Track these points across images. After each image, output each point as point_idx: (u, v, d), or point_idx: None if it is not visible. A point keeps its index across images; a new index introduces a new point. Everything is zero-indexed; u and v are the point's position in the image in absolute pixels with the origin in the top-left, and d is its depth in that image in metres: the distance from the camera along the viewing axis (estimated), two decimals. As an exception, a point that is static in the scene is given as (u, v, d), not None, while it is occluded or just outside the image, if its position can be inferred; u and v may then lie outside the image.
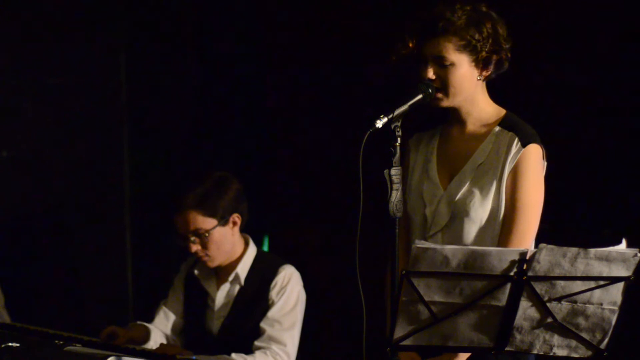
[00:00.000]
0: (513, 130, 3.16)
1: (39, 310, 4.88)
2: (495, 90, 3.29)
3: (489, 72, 3.17)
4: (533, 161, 3.14)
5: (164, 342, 4.13)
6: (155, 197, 5.31)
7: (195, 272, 4.15)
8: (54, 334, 3.78)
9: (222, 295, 4.11)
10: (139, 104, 5.30)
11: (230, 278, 4.10)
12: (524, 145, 3.13)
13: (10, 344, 3.47)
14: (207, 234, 3.99)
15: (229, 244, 4.06)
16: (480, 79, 3.17)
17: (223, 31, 5.37)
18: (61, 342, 3.60)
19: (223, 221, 4.02)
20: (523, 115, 3.25)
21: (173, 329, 4.19)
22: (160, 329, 4.18)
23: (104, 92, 5.25)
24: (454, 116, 3.24)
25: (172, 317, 4.19)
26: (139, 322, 4.14)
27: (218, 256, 4.05)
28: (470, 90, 3.16)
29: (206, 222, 4.00)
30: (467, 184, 3.18)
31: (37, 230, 5.15)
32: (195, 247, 4.01)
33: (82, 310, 5.11)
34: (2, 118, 5.00)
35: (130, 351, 3.64)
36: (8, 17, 5.00)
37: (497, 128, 3.19)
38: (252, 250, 4.14)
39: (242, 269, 4.10)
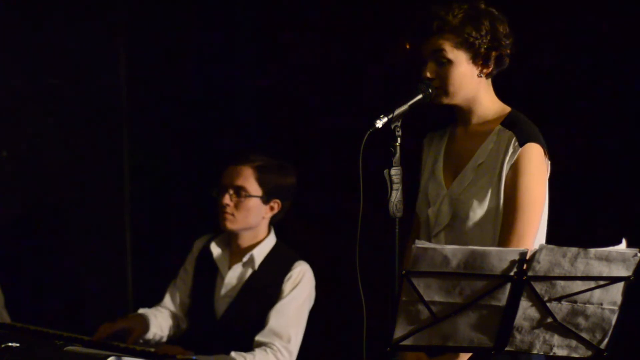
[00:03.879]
0: (512, 129, 3.16)
1: (39, 310, 4.88)
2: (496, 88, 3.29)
3: (490, 69, 3.18)
4: (530, 160, 3.13)
5: (169, 323, 4.16)
6: (155, 197, 5.31)
7: (212, 246, 4.16)
8: (54, 334, 3.78)
9: (233, 275, 4.12)
10: (139, 104, 5.30)
11: (245, 259, 4.10)
12: (521, 144, 3.13)
13: (10, 344, 3.47)
14: (245, 196, 4.02)
15: (256, 220, 4.11)
16: (481, 76, 3.17)
17: (223, 31, 5.37)
18: (61, 342, 3.60)
19: (266, 197, 4.08)
20: (525, 113, 3.25)
21: (181, 308, 4.21)
22: (169, 308, 4.21)
23: (104, 92, 5.25)
24: (459, 115, 3.26)
25: (178, 297, 4.22)
26: (139, 312, 4.15)
27: (240, 222, 4.09)
28: (471, 88, 3.17)
29: (253, 187, 4.08)
30: (467, 184, 3.18)
31: (37, 230, 5.14)
32: (228, 201, 4.05)
33: (82, 310, 5.10)
34: (2, 118, 5.00)
35: (130, 351, 3.64)
36: (8, 17, 5.00)
37: (499, 127, 3.19)
38: (272, 239, 4.17)
39: (259, 254, 4.11)
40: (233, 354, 3.92)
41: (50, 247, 5.17)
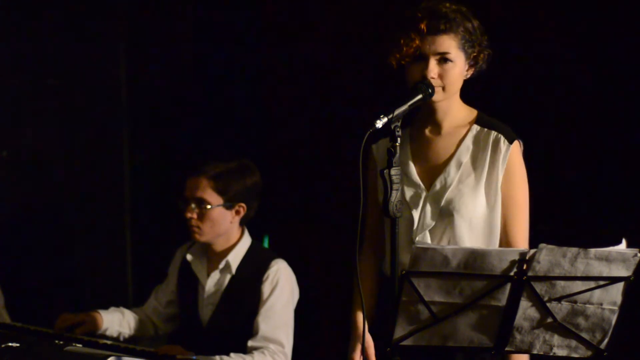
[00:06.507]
0: (495, 129, 3.20)
1: (39, 310, 4.88)
2: (495, 89, 3.29)
3: (474, 70, 3.20)
4: (519, 157, 3.20)
5: (136, 325, 4.19)
6: (155, 197, 5.31)
7: (188, 257, 4.18)
8: (54, 334, 3.78)
9: (212, 282, 4.13)
10: (139, 103, 5.30)
11: (221, 266, 4.11)
12: (510, 142, 3.17)
13: (10, 344, 3.47)
14: (207, 207, 4.02)
15: (224, 227, 4.08)
16: (466, 77, 3.19)
17: (222, 31, 5.37)
18: (61, 342, 3.60)
19: (228, 204, 4.06)
20: (521, 115, 3.26)
21: (158, 316, 4.23)
22: (145, 311, 4.25)
23: (104, 91, 5.25)
24: (429, 117, 3.24)
25: (158, 305, 4.25)
26: (111, 309, 4.21)
27: (208, 233, 4.07)
28: (459, 88, 3.19)
29: (212, 197, 4.04)
30: (453, 183, 3.18)
31: (37, 229, 5.15)
32: (191, 215, 4.05)
33: (82, 310, 5.10)
34: (2, 118, 5.00)
35: (131, 351, 3.64)
36: (8, 17, 5.00)
37: (475, 126, 3.21)
38: (246, 241, 4.16)
39: (234, 258, 4.11)
40: (233, 355, 3.92)
41: (50, 247, 5.17)
